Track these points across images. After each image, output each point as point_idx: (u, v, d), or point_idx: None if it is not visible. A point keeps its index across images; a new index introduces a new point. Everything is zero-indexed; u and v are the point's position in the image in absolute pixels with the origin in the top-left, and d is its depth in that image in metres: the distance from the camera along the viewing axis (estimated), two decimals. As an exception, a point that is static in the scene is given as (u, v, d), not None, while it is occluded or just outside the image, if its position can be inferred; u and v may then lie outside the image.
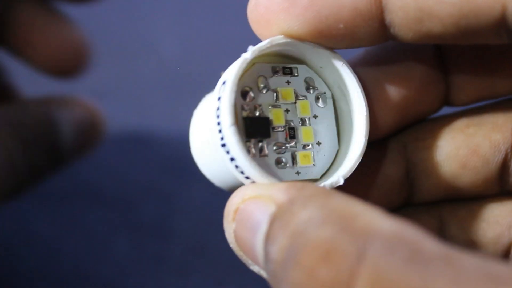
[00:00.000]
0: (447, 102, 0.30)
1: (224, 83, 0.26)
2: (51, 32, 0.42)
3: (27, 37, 0.42)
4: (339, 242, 0.20)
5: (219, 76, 0.27)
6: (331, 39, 0.26)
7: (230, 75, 0.25)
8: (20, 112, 0.40)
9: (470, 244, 0.30)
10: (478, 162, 0.29)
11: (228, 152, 0.25)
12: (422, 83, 0.29)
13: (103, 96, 0.58)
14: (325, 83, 0.28)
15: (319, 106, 0.28)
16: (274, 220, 0.23)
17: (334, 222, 0.21)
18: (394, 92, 0.28)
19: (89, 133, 0.42)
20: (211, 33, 0.61)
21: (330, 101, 0.28)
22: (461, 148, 0.29)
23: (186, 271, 0.46)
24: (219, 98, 0.25)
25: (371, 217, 0.21)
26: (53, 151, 0.40)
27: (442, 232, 0.30)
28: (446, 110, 0.31)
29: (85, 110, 0.42)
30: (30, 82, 0.46)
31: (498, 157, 0.29)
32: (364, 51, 0.29)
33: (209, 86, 0.40)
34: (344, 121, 0.29)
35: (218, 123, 0.25)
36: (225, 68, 0.27)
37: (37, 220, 0.50)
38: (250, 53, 0.26)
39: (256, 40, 0.27)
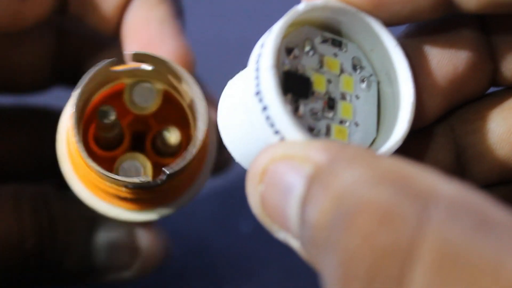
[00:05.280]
0: (494, 82, 0.28)
1: (262, 45, 0.24)
2: None
3: None
4: (398, 204, 0.18)
5: (219, 77, 0.25)
6: (390, 7, 0.24)
7: (277, 23, 0.23)
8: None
9: None
10: None
11: (261, 101, 0.23)
12: (470, 63, 0.27)
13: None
14: (372, 67, 0.27)
15: (363, 89, 0.26)
16: (312, 182, 0.20)
17: (388, 182, 0.19)
18: (440, 75, 0.27)
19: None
20: (212, 33, 0.60)
21: (374, 86, 0.27)
22: None
23: (186, 273, 0.45)
24: (262, 45, 0.23)
25: (431, 179, 0.19)
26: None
27: None
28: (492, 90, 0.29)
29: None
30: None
31: None
32: (406, 29, 0.28)
33: (209, 86, 0.38)
34: (386, 109, 0.27)
35: (257, 69, 0.23)
36: (225, 68, 0.25)
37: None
38: (303, 5, 0.24)
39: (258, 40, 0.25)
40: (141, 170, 0.32)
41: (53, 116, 0.36)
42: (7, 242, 0.34)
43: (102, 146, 0.33)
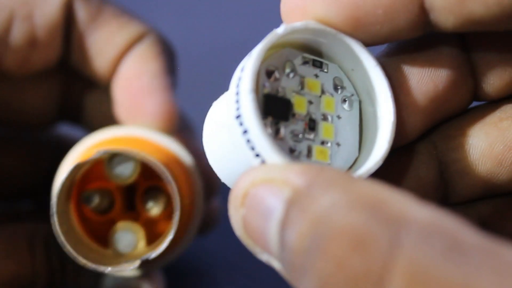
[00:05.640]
0: (476, 96, 0.28)
1: (242, 69, 0.24)
2: None
3: None
4: (370, 230, 0.19)
5: (220, 77, 0.25)
6: (369, 28, 0.24)
7: (257, 47, 0.24)
8: None
9: None
10: None
11: (241, 124, 0.23)
12: (450, 81, 0.27)
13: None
14: (354, 87, 0.27)
15: (345, 109, 0.26)
16: (290, 206, 0.21)
17: (362, 208, 0.19)
18: (421, 94, 0.27)
19: None
20: (212, 33, 0.60)
21: (356, 105, 0.27)
22: (495, 144, 0.27)
23: (185, 273, 0.46)
24: (242, 69, 0.24)
25: (404, 204, 0.19)
26: None
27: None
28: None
29: None
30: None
31: None
32: (386, 48, 0.28)
33: (210, 86, 0.38)
34: (368, 128, 0.27)
35: (237, 93, 0.23)
36: (226, 68, 0.25)
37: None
38: (282, 29, 0.24)
39: (259, 42, 0.25)
40: (134, 242, 0.34)
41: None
42: (20, 282, 0.35)
43: (96, 213, 0.34)
